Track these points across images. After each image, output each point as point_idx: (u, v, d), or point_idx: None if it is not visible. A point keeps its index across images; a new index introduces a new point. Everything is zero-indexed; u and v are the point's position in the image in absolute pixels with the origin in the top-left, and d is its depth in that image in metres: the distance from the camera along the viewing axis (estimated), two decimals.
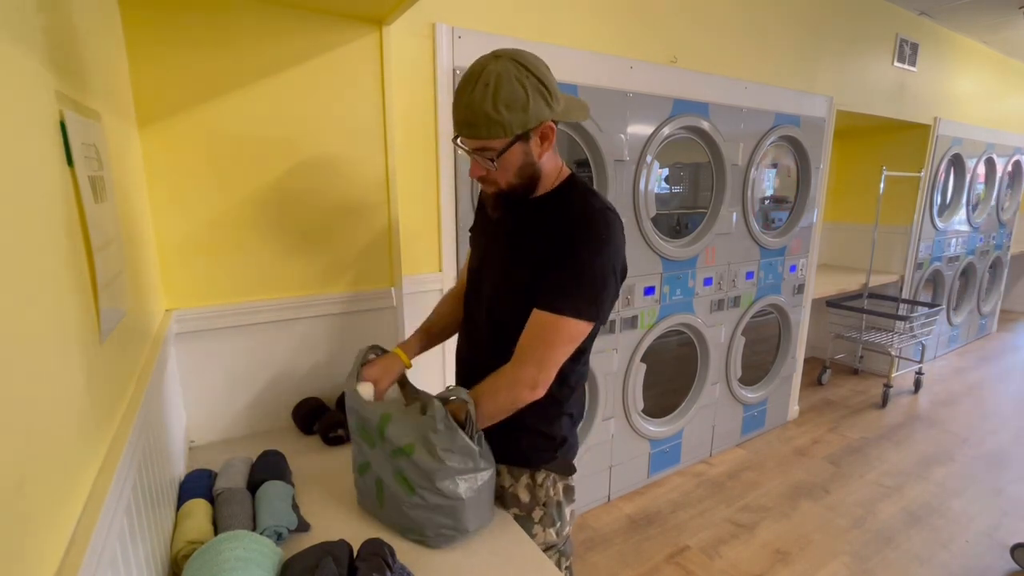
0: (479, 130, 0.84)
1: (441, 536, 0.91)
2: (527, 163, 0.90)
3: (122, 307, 0.77)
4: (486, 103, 0.81)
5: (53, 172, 0.55)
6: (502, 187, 0.93)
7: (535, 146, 0.89)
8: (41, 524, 0.43)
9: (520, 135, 0.85)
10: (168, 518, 0.89)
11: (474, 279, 1.09)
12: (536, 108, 0.84)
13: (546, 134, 0.89)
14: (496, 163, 0.88)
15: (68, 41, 0.67)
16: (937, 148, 3.63)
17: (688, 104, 2.16)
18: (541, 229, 0.94)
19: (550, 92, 0.86)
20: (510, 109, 0.82)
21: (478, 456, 0.91)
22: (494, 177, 0.91)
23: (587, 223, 0.90)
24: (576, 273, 0.88)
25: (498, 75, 0.81)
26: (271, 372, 1.36)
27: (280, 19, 1.23)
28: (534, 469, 1.04)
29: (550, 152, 0.93)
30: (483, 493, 0.92)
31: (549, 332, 0.89)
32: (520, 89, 0.82)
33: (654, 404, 2.42)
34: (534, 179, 0.93)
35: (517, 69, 0.82)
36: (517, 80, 0.82)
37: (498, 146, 0.86)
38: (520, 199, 0.95)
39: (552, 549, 1.08)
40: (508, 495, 1.05)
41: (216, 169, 1.23)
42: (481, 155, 0.88)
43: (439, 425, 0.88)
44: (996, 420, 3.22)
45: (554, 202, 0.96)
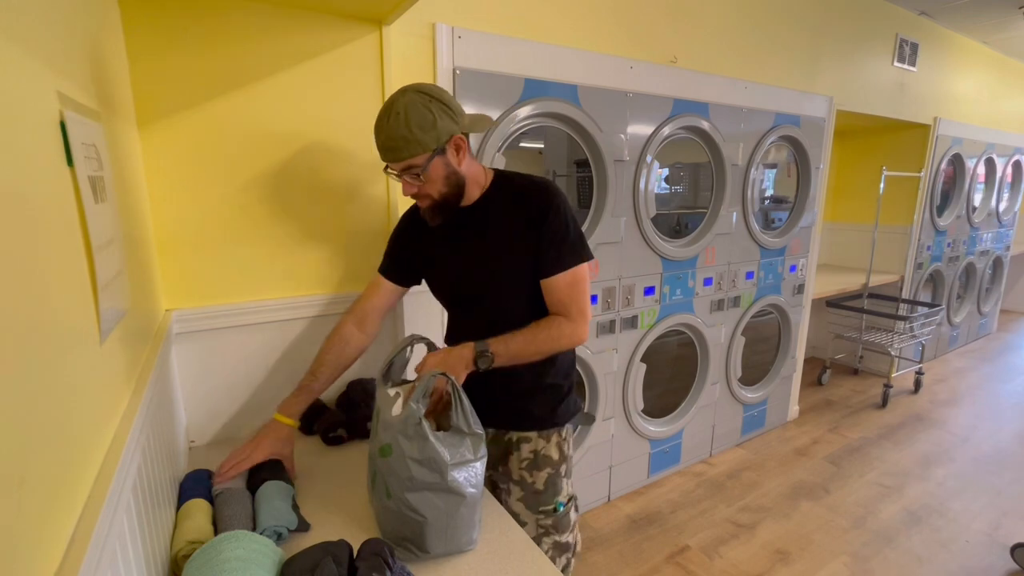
0: (401, 152, 0.98)
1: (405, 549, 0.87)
2: (451, 172, 1.03)
3: (122, 307, 0.77)
4: (401, 128, 0.95)
5: (53, 172, 0.55)
6: (435, 198, 1.05)
7: (452, 156, 1.02)
8: (41, 524, 0.43)
9: (436, 149, 0.98)
10: (168, 518, 0.89)
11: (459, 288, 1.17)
12: (444, 125, 0.98)
13: (459, 144, 1.02)
14: (423, 178, 1.00)
15: (68, 41, 0.67)
16: (937, 148, 3.63)
17: (688, 104, 2.16)
18: (505, 217, 1.08)
19: (453, 110, 1.00)
20: (423, 129, 0.96)
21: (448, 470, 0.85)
22: (426, 191, 1.03)
23: (541, 191, 1.07)
24: (560, 230, 1.05)
25: (406, 104, 0.95)
26: (271, 372, 1.36)
27: (280, 19, 1.23)
28: (560, 426, 1.18)
29: (468, 159, 1.06)
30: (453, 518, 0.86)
31: (578, 286, 1.07)
32: (427, 112, 0.96)
33: (654, 404, 2.42)
34: (460, 185, 1.05)
35: (421, 98, 0.96)
36: (423, 105, 0.96)
37: (420, 162, 0.99)
38: (454, 204, 1.07)
39: (572, 499, 1.22)
40: (541, 457, 1.16)
41: (216, 169, 1.23)
42: (408, 174, 1.01)
43: (409, 430, 0.85)
44: (996, 420, 3.22)
45: (500, 192, 1.10)
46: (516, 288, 1.10)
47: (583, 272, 1.08)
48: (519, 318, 1.08)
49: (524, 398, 1.14)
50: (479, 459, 0.90)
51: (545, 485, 1.17)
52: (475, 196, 1.10)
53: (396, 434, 0.86)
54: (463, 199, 1.08)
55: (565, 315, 1.07)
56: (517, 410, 1.15)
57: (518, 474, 1.17)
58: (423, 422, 0.85)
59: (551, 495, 1.17)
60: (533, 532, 1.18)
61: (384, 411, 0.91)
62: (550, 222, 1.04)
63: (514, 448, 1.17)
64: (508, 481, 1.19)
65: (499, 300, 1.12)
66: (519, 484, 1.18)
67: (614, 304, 2.12)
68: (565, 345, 1.09)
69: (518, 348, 1.04)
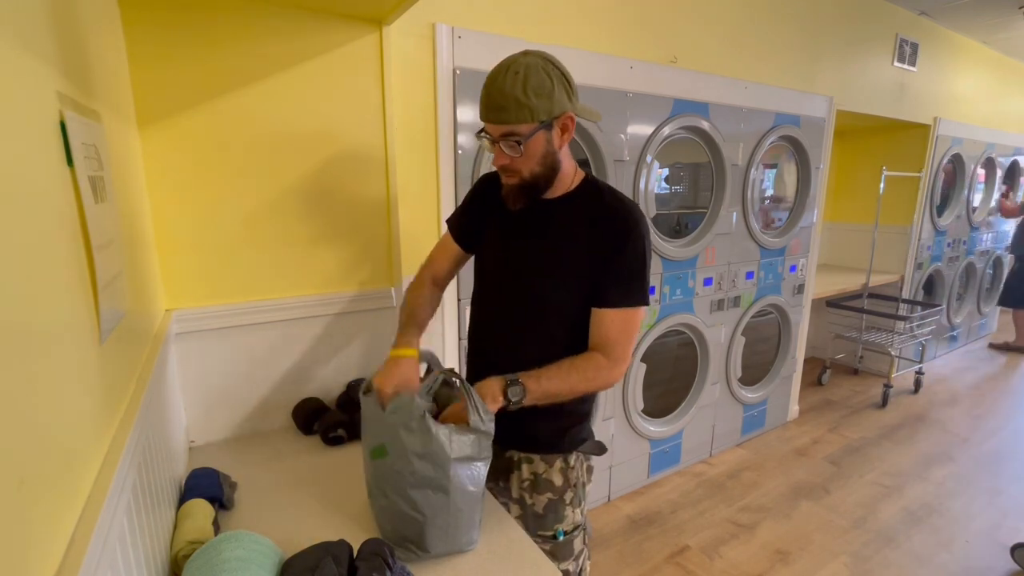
0: (508, 114, 0.89)
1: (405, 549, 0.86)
2: (549, 151, 0.94)
3: (122, 307, 0.77)
4: (516, 88, 0.87)
5: (53, 172, 0.55)
6: (525, 176, 0.96)
7: (556, 136, 0.94)
8: (41, 524, 0.43)
9: (544, 122, 0.90)
10: (168, 518, 0.89)
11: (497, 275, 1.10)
12: (560, 98, 0.89)
13: (567, 125, 0.94)
14: (522, 148, 0.91)
15: (68, 41, 0.67)
16: (937, 148, 3.63)
17: (688, 104, 2.16)
18: (580, 228, 0.99)
19: (571, 87, 0.92)
20: (538, 95, 0.87)
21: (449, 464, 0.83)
22: (518, 165, 0.95)
23: (630, 220, 0.97)
24: (632, 267, 0.97)
25: (527, 66, 0.88)
26: (271, 372, 1.36)
27: (280, 19, 1.23)
28: (567, 453, 1.10)
29: (566, 148, 0.98)
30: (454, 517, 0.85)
31: (630, 327, 0.99)
32: (547, 78, 0.88)
33: (654, 404, 2.42)
34: (555, 169, 0.97)
35: (544, 63, 0.89)
36: (544, 71, 0.88)
37: (524, 131, 0.90)
38: (541, 190, 0.99)
39: (578, 528, 1.14)
40: (541, 481, 1.09)
41: (216, 169, 1.23)
42: (507, 142, 0.91)
43: (412, 424, 0.83)
44: (996, 420, 3.22)
45: (586, 200, 1.01)
46: (560, 304, 1.02)
47: (639, 316, 1.00)
48: (550, 334, 1.02)
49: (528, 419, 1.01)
50: (482, 459, 0.89)
51: (545, 510, 1.10)
52: (558, 192, 1.01)
53: (397, 429, 0.84)
54: (549, 189, 1.00)
55: (605, 354, 0.98)
56: (519, 430, 1.05)
57: (518, 493, 1.12)
58: (427, 415, 0.84)
59: (551, 521, 1.10)
60: None
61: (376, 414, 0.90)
62: (626, 253, 0.96)
63: (515, 467, 1.11)
64: (508, 498, 1.13)
65: (538, 307, 1.04)
66: (519, 503, 1.12)
67: None
68: (597, 388, 1.02)
69: (551, 387, 0.95)
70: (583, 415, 1.12)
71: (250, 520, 0.99)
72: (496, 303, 1.11)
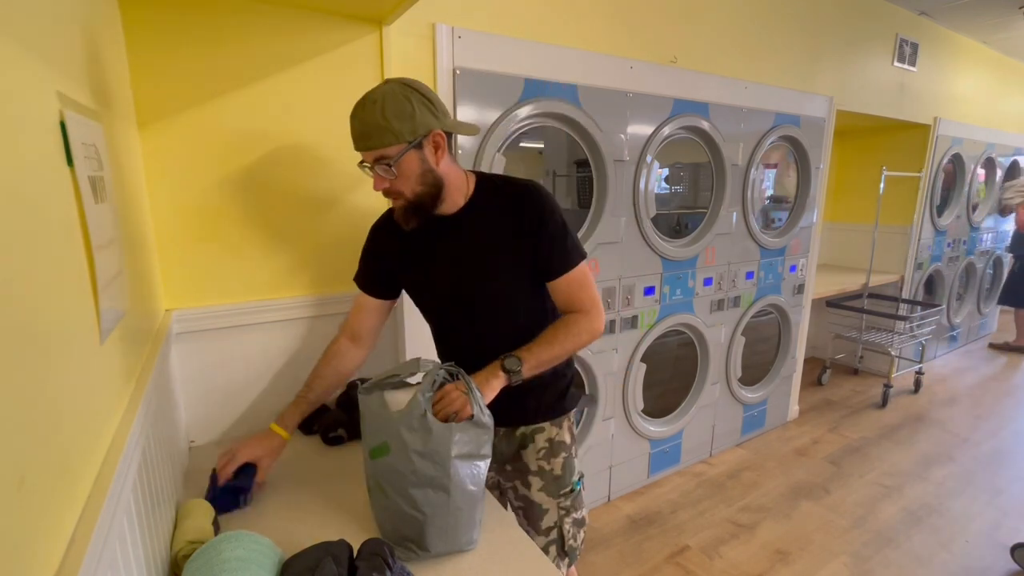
0: (373, 140, 0.93)
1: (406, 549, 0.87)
2: (426, 170, 0.97)
3: (122, 307, 0.77)
4: (376, 115, 0.91)
5: (53, 172, 0.55)
6: (408, 196, 0.99)
7: (429, 153, 0.97)
8: (41, 524, 0.43)
9: (412, 142, 0.93)
10: (168, 518, 0.89)
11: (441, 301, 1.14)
12: (422, 117, 0.93)
13: (438, 142, 0.97)
14: (395, 170, 0.94)
15: (68, 41, 0.67)
16: (937, 148, 3.63)
17: (688, 104, 2.16)
18: (497, 224, 1.05)
19: (435, 106, 0.96)
20: (399, 119, 0.91)
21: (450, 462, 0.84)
22: (398, 187, 0.98)
23: (532, 196, 1.05)
24: (560, 231, 1.04)
25: (384, 94, 0.92)
26: (271, 372, 1.36)
27: (280, 19, 1.23)
28: (568, 411, 1.21)
29: (449, 161, 1.01)
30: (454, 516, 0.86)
31: (586, 279, 1.08)
32: (406, 102, 0.92)
33: (654, 404, 2.42)
34: (437, 186, 1.00)
35: (402, 88, 0.93)
36: (402, 96, 0.92)
37: (393, 153, 0.93)
38: (430, 207, 1.02)
39: (582, 476, 1.24)
40: (556, 444, 1.18)
41: (216, 169, 1.23)
42: (380, 166, 0.95)
43: (414, 422, 0.84)
44: (996, 420, 3.22)
45: (487, 198, 1.07)
46: (511, 296, 1.09)
47: (587, 268, 1.09)
48: (510, 328, 1.08)
49: (529, 395, 1.12)
50: (482, 457, 0.90)
51: (563, 469, 1.19)
52: (460, 203, 1.06)
53: (398, 427, 0.85)
54: (444, 205, 1.03)
55: (580, 310, 1.07)
56: (524, 406, 1.15)
57: (536, 464, 1.18)
58: (428, 413, 0.85)
59: (568, 477, 1.20)
60: (555, 516, 1.18)
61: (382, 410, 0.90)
62: (548, 225, 1.03)
63: (528, 441, 1.18)
64: (525, 474, 1.18)
65: (491, 309, 1.10)
66: (538, 474, 1.18)
67: (614, 304, 2.12)
68: (586, 340, 1.08)
69: (544, 353, 1.03)
70: (570, 378, 1.22)
71: (250, 520, 0.99)
72: (452, 325, 1.17)
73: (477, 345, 1.10)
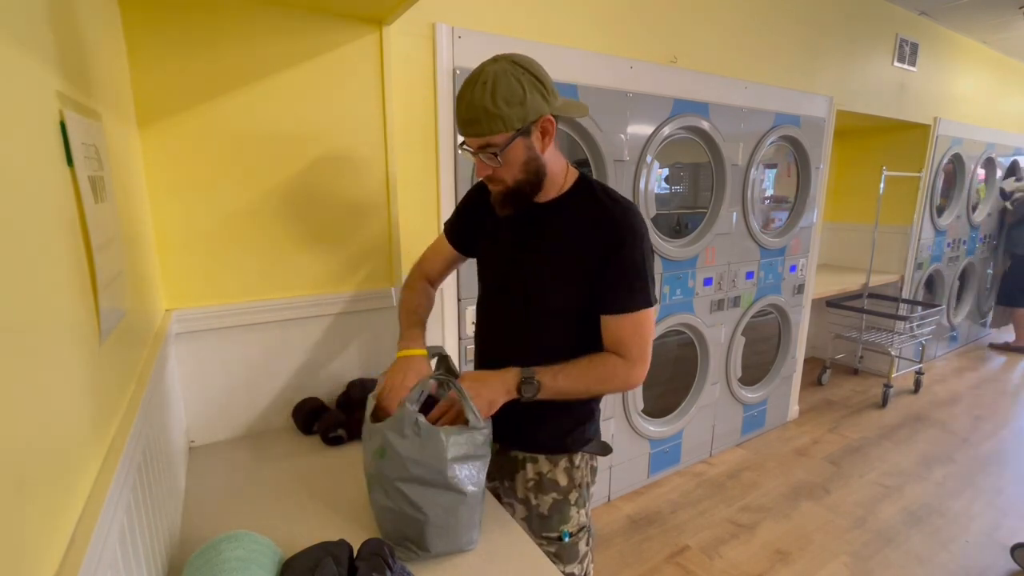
0: (481, 127, 0.87)
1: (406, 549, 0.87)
2: (531, 158, 0.92)
3: (122, 307, 0.77)
4: (485, 100, 0.85)
5: (53, 172, 0.55)
6: (509, 184, 0.94)
7: (536, 140, 0.91)
8: (41, 524, 0.43)
9: (520, 129, 0.87)
10: (168, 518, 0.89)
11: (498, 281, 1.10)
12: (533, 102, 0.87)
13: (546, 128, 0.91)
14: (500, 159, 0.89)
15: (68, 41, 0.67)
16: (937, 148, 3.63)
17: (688, 104, 2.16)
18: (575, 232, 0.97)
19: (546, 88, 0.89)
20: (508, 104, 0.85)
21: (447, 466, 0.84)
22: (500, 175, 0.93)
23: (626, 220, 0.95)
24: (635, 269, 0.94)
25: (495, 74, 0.85)
26: (271, 372, 1.36)
27: (280, 19, 1.23)
28: (571, 453, 1.09)
29: (553, 149, 0.95)
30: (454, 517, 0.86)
31: (641, 328, 0.96)
32: (517, 85, 0.85)
33: (654, 404, 2.42)
34: (540, 174, 0.95)
35: (513, 68, 0.86)
36: (514, 77, 0.85)
37: (500, 141, 0.88)
38: (528, 196, 0.97)
39: (583, 530, 1.13)
40: (546, 481, 1.08)
41: (216, 169, 1.23)
42: (485, 153, 0.90)
43: (406, 429, 0.84)
44: (996, 420, 3.22)
45: (580, 202, 0.99)
46: (560, 309, 1.00)
47: (648, 316, 0.97)
48: (554, 339, 1.01)
49: (530, 420, 1.04)
50: (480, 457, 0.89)
51: (550, 511, 1.09)
52: (550, 195, 0.99)
53: (388, 434, 0.85)
54: (539, 193, 0.98)
55: (623, 356, 0.97)
56: (524, 430, 1.07)
57: (523, 493, 1.11)
58: (419, 420, 0.85)
59: (556, 522, 1.09)
60: None
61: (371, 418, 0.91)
62: (624, 255, 0.93)
63: (520, 467, 1.11)
64: (513, 498, 1.13)
65: (539, 313, 1.02)
66: (524, 504, 1.11)
67: None
68: (616, 388, 1.00)
69: (567, 384, 0.95)
70: (587, 415, 1.10)
71: (250, 520, 0.99)
72: (499, 309, 1.11)
73: (506, 341, 1.07)
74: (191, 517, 1.01)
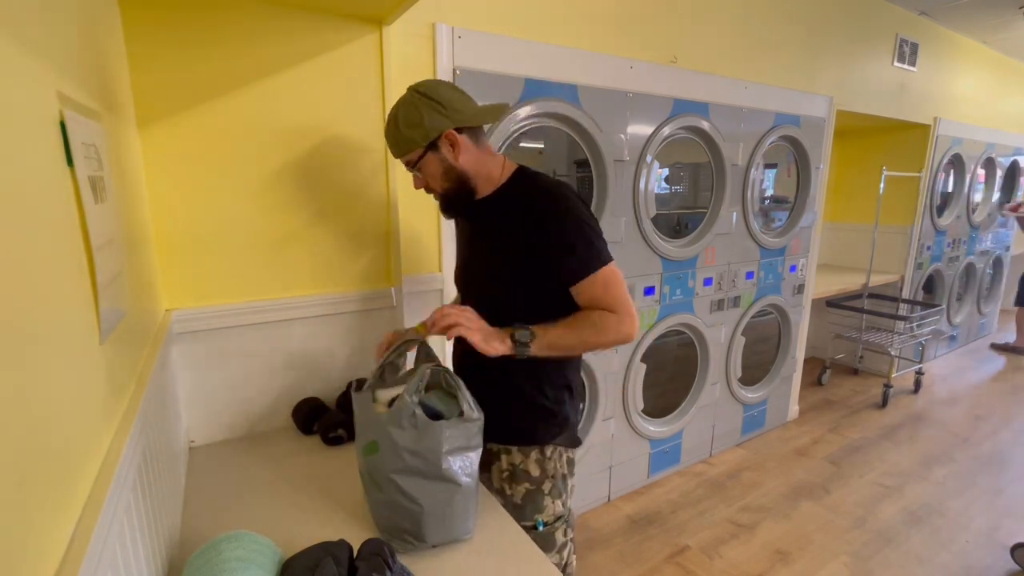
0: (399, 148, 1.04)
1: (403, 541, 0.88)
2: (447, 168, 1.03)
3: (122, 307, 0.77)
4: (393, 129, 1.02)
5: (53, 172, 0.55)
6: (440, 192, 1.07)
7: (447, 152, 1.02)
8: (41, 524, 0.43)
9: (426, 146, 1.00)
10: (168, 518, 0.89)
11: (462, 279, 1.21)
12: (432, 121, 0.99)
13: (452, 139, 1.01)
14: (420, 172, 1.05)
15: (68, 41, 0.67)
16: (937, 148, 3.63)
17: (688, 104, 2.16)
18: (512, 219, 1.05)
19: (444, 106, 0.99)
20: (409, 127, 1.00)
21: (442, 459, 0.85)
22: (430, 185, 1.07)
23: (556, 193, 1.03)
24: (574, 234, 1.00)
25: (398, 105, 1.01)
26: (271, 372, 1.36)
27: (280, 19, 1.23)
28: (543, 444, 1.14)
29: (475, 153, 1.05)
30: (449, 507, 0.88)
31: (612, 286, 1.01)
32: (413, 110, 0.99)
33: (654, 404, 2.42)
34: (462, 180, 1.05)
35: (412, 96, 1.00)
36: (411, 104, 0.99)
37: (414, 158, 1.03)
38: (462, 199, 1.07)
39: (560, 520, 1.17)
40: (519, 471, 1.13)
41: (216, 169, 1.23)
42: (411, 168, 1.06)
43: (404, 421, 0.85)
44: (996, 420, 3.22)
45: (513, 193, 1.08)
46: (518, 293, 1.06)
47: (615, 273, 1.02)
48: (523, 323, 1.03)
49: (502, 411, 1.08)
50: (474, 448, 0.91)
51: (523, 500, 1.13)
52: (487, 191, 1.08)
53: (387, 427, 0.86)
54: (475, 193, 1.07)
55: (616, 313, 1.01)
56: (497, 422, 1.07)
57: (498, 484, 1.15)
58: (417, 412, 0.86)
59: (531, 511, 1.13)
60: None
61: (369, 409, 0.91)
62: (559, 225, 0.99)
63: (494, 459, 1.15)
64: (490, 488, 1.15)
65: (500, 301, 1.07)
66: (499, 494, 1.14)
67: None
68: (612, 339, 1.02)
69: (559, 335, 0.99)
70: (557, 408, 1.14)
71: (250, 520, 0.99)
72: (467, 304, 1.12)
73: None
74: (191, 517, 1.01)
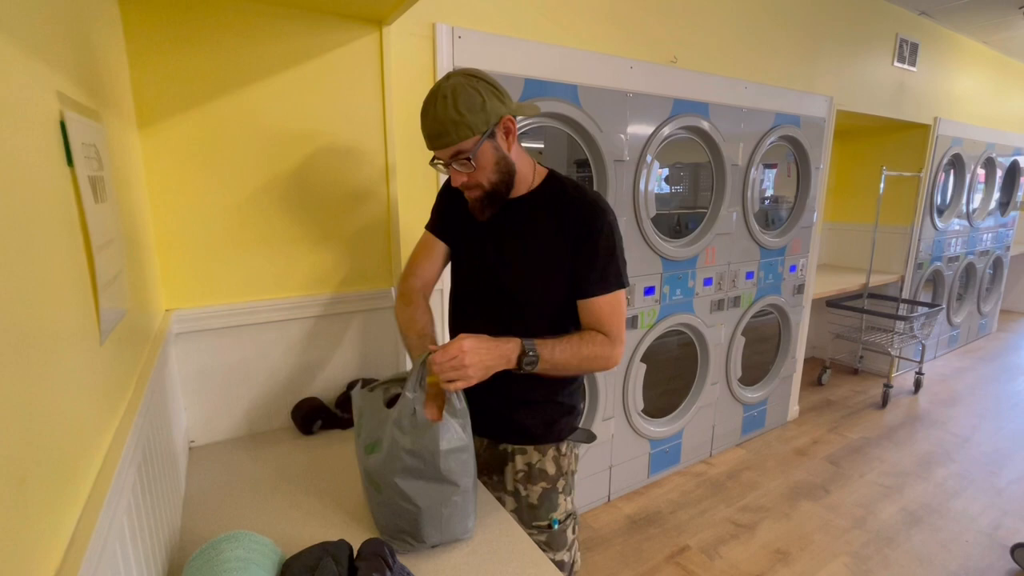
0: (449, 137, 0.93)
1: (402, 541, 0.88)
2: (500, 157, 0.98)
3: (122, 307, 0.77)
4: (449, 111, 0.91)
5: (53, 172, 0.55)
6: (486, 187, 1.00)
7: (501, 140, 0.97)
8: (41, 524, 0.43)
9: (486, 132, 0.94)
10: (168, 518, 0.89)
11: (473, 276, 1.13)
12: (492, 106, 0.93)
13: (508, 127, 0.97)
14: (473, 163, 0.95)
15: (68, 41, 0.67)
16: (937, 148, 3.63)
17: (688, 104, 2.16)
18: (548, 226, 1.02)
19: (501, 92, 0.96)
20: (471, 111, 0.91)
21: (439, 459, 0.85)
22: (476, 179, 0.98)
23: (595, 209, 1.01)
24: (608, 254, 1.01)
25: (453, 87, 0.91)
26: (271, 372, 1.36)
27: (280, 19, 1.23)
28: (559, 441, 1.13)
29: (519, 148, 1.02)
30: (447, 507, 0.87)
31: (619, 309, 1.03)
32: (475, 93, 0.92)
33: (654, 404, 2.42)
34: (511, 173, 1.01)
35: (468, 79, 0.93)
36: (470, 87, 0.92)
37: (470, 146, 0.94)
38: (504, 195, 1.02)
39: (570, 517, 1.17)
40: (535, 471, 1.12)
41: (216, 169, 1.23)
42: (458, 161, 0.96)
43: (404, 421, 0.85)
44: (996, 420, 3.22)
45: (549, 196, 1.05)
46: (536, 300, 1.05)
47: (621, 297, 1.03)
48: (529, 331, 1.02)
49: (518, 411, 1.09)
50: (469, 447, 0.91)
51: (539, 500, 1.12)
52: (520, 191, 1.05)
53: (390, 427, 0.86)
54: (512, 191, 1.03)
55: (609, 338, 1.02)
56: (509, 422, 1.11)
57: (512, 485, 1.13)
58: (417, 411, 0.86)
59: (546, 511, 1.13)
60: None
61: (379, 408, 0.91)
62: (597, 242, 0.99)
63: (509, 459, 1.13)
64: (503, 491, 1.15)
65: (516, 305, 1.06)
66: (513, 495, 1.13)
67: None
68: (600, 366, 1.03)
69: (563, 358, 0.98)
70: (571, 406, 1.15)
71: (250, 520, 0.99)
72: (474, 304, 1.13)
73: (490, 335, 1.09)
74: (191, 517, 1.01)
